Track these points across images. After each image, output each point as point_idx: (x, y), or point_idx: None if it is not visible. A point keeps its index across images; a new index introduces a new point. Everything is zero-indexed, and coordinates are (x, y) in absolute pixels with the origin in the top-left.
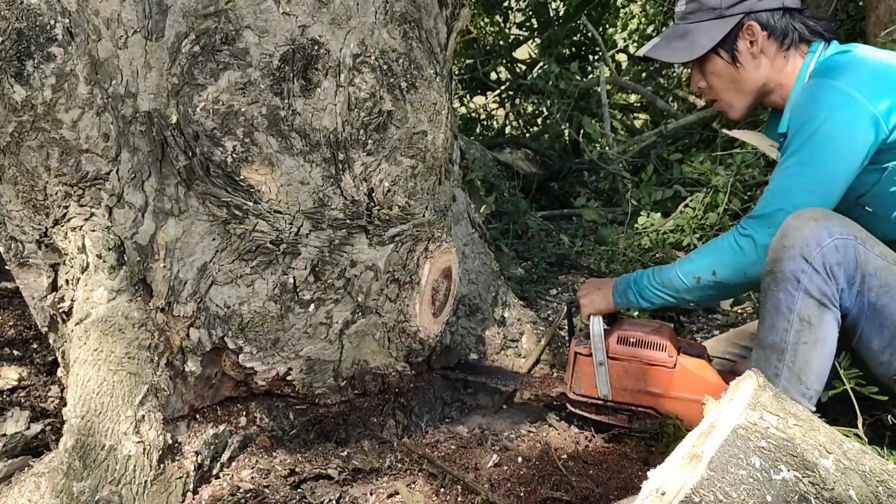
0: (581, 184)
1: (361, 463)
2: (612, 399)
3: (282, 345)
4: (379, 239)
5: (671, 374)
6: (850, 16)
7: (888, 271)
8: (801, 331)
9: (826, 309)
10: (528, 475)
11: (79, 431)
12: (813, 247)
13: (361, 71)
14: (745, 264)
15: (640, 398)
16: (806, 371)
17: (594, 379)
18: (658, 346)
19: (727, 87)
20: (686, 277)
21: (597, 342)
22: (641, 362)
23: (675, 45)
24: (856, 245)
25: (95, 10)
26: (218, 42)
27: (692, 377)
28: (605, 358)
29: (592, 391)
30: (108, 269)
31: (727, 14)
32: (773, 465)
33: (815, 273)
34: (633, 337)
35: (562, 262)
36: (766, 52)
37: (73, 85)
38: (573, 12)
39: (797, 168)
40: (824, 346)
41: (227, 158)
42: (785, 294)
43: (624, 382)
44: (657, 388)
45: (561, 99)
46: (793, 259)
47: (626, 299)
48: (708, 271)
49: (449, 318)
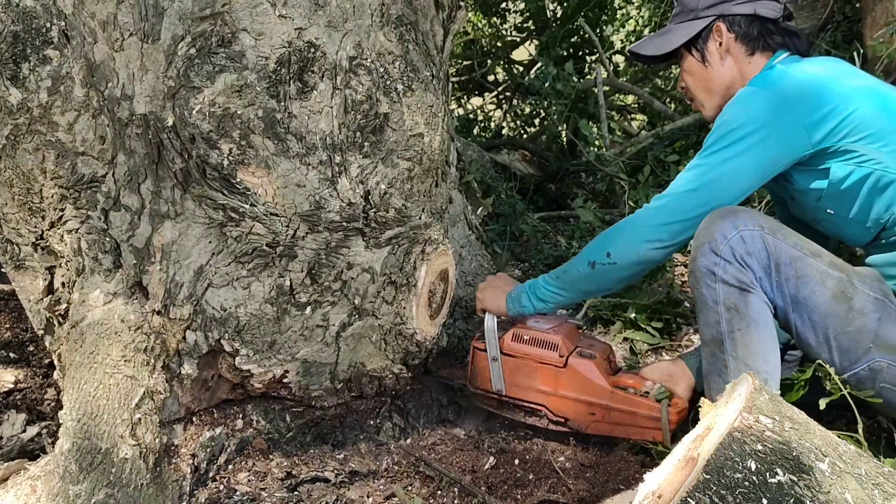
0: (578, 185)
1: (358, 465)
2: (506, 394)
3: (278, 347)
4: (375, 241)
5: (560, 373)
6: (847, 17)
7: (804, 262)
8: (731, 319)
9: (748, 293)
10: (525, 477)
11: (75, 434)
12: (720, 240)
13: (358, 73)
14: (637, 237)
15: (531, 395)
16: (750, 356)
17: (489, 373)
18: (550, 344)
19: (699, 86)
20: (581, 266)
21: (490, 338)
22: (533, 360)
23: (654, 41)
24: (763, 235)
25: (91, 13)
26: (214, 45)
27: (579, 378)
28: (499, 354)
29: (488, 385)
30: (104, 271)
31: (702, 15)
32: (769, 469)
33: (728, 263)
34: (528, 334)
35: (559, 263)
36: (732, 54)
37: (70, 87)
38: (570, 14)
39: (708, 162)
40: (758, 327)
41: (224, 161)
42: (707, 289)
43: (516, 379)
44: (546, 387)
45: (558, 100)
46: (704, 255)
47: (519, 304)
48: (602, 253)
49: (446, 321)
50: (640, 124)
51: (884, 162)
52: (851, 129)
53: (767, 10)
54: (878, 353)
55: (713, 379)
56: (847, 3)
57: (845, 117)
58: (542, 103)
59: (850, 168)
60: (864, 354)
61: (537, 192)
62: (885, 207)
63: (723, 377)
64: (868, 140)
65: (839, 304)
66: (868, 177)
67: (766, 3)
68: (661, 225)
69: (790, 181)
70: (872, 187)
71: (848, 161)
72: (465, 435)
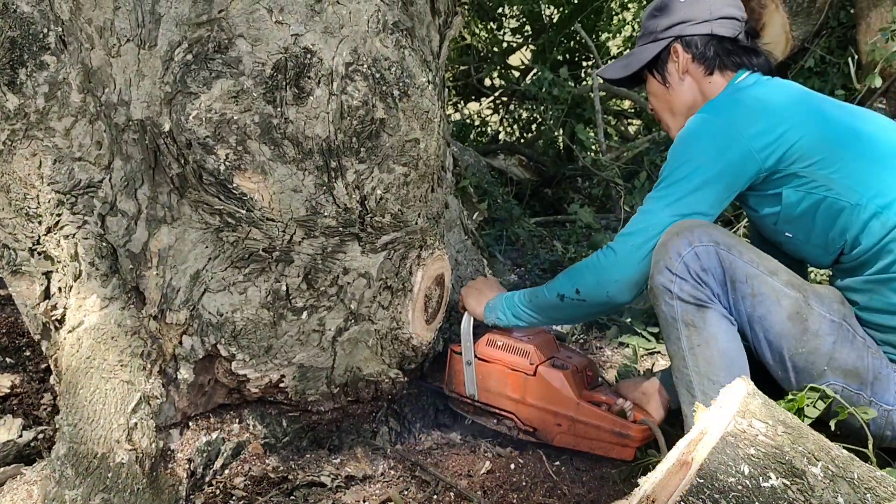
0: (575, 190)
1: (354, 470)
2: (479, 399)
3: (275, 352)
4: (371, 246)
5: (529, 381)
6: (841, 23)
7: (760, 280)
8: (689, 336)
9: (705, 308)
10: (521, 482)
11: (71, 439)
12: (674, 257)
13: (354, 79)
14: (605, 281)
15: (502, 402)
16: (712, 370)
17: (463, 377)
18: (522, 352)
19: (663, 108)
20: (551, 295)
21: (464, 341)
22: (504, 366)
23: (619, 64)
24: (717, 250)
25: (88, 19)
26: (211, 51)
27: (548, 388)
28: (473, 358)
29: (462, 389)
30: (101, 276)
31: (660, 37)
32: (763, 473)
33: (683, 281)
34: (501, 340)
35: (555, 268)
36: (692, 75)
37: (66, 93)
38: (567, 19)
39: (662, 194)
40: (717, 342)
41: (220, 166)
42: (665, 306)
43: (488, 384)
44: (515, 394)
45: (555, 105)
46: (661, 272)
47: (495, 315)
48: (571, 289)
49: (442, 325)
50: (636, 129)
51: (834, 188)
52: (801, 155)
53: (724, 30)
54: (832, 376)
55: (682, 392)
56: (842, 8)
57: (795, 142)
58: (539, 108)
59: (801, 194)
60: (820, 376)
61: (534, 196)
62: (840, 233)
63: (689, 391)
64: (818, 165)
65: (794, 324)
66: (820, 203)
67: (723, 21)
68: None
69: (747, 206)
70: (825, 213)
71: (799, 187)
72: (460, 439)
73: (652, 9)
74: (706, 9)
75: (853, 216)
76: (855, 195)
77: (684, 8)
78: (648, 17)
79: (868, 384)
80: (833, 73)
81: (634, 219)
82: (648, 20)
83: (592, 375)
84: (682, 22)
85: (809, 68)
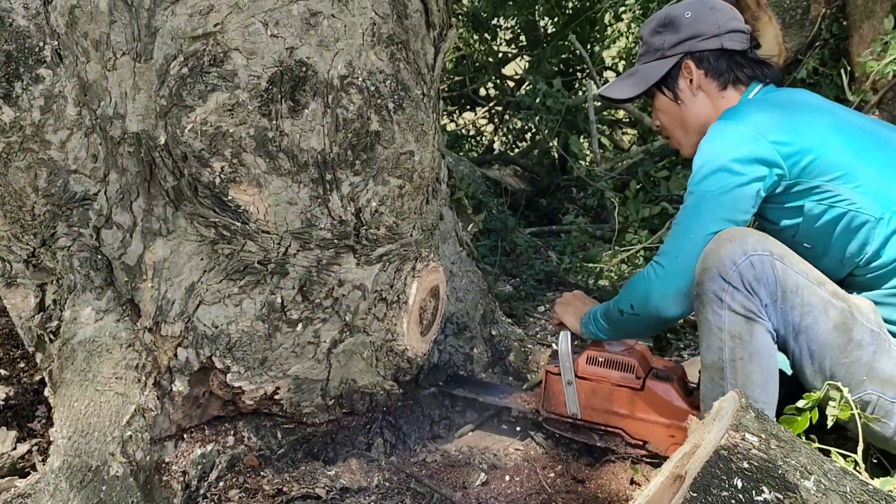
0: (569, 200)
1: (349, 482)
2: (581, 418)
3: (270, 364)
4: (367, 258)
5: (638, 396)
6: (834, 35)
7: (809, 290)
8: (734, 347)
9: (754, 322)
10: (516, 493)
11: (65, 452)
12: (728, 265)
13: (349, 92)
14: (652, 296)
15: (608, 418)
16: (749, 385)
17: (563, 397)
18: (626, 366)
19: (674, 125)
20: (615, 311)
21: (564, 361)
22: (609, 383)
23: (624, 83)
24: (772, 260)
25: (84, 33)
26: (206, 64)
27: (658, 400)
28: (574, 377)
29: (562, 409)
30: (96, 289)
31: (669, 54)
32: (755, 487)
33: (736, 290)
34: (602, 357)
35: (550, 278)
36: (705, 90)
37: (62, 106)
38: (561, 30)
39: (695, 204)
40: (760, 358)
41: (216, 179)
42: (712, 314)
43: (592, 402)
44: (624, 409)
45: (549, 115)
46: (712, 280)
47: (588, 330)
48: (627, 304)
49: (437, 337)
50: (630, 139)
51: (857, 202)
52: (825, 168)
53: (734, 43)
54: (871, 386)
55: (708, 404)
56: (835, 21)
57: (818, 155)
58: (533, 119)
59: (824, 207)
60: (858, 386)
61: (528, 207)
62: (860, 246)
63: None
64: (842, 179)
65: (840, 335)
66: (842, 217)
67: (732, 35)
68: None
69: (765, 219)
70: (846, 227)
71: (822, 200)
72: (455, 451)
73: (655, 25)
74: (714, 23)
75: (875, 230)
76: (878, 209)
77: (692, 24)
78: (652, 34)
79: None
80: (826, 84)
81: (674, 231)
82: (652, 37)
83: (687, 382)
84: (692, 38)
85: (803, 80)
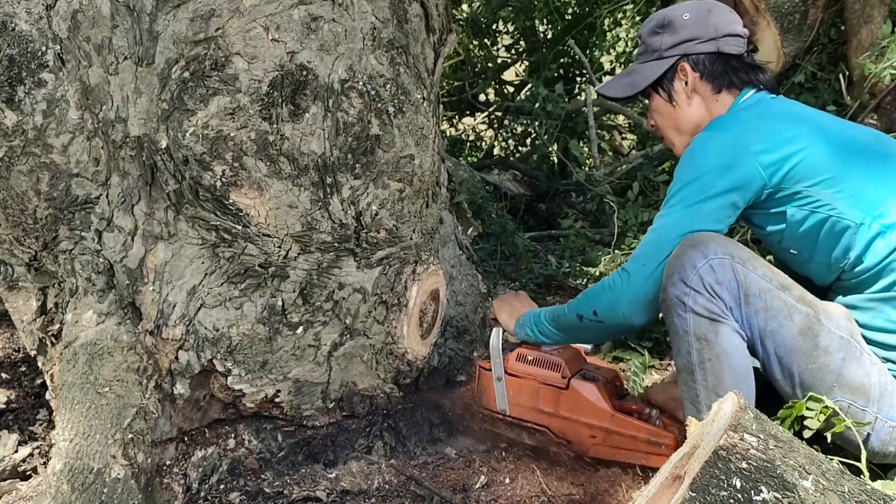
0: (569, 205)
1: (349, 485)
2: (510, 414)
3: (270, 367)
4: (367, 262)
5: (562, 395)
6: (832, 40)
7: (772, 294)
8: (700, 349)
9: (719, 323)
10: (517, 496)
11: (67, 455)
12: (689, 270)
13: (349, 96)
14: (619, 301)
15: (535, 416)
16: (720, 386)
17: (493, 393)
18: (553, 365)
19: (668, 126)
20: (571, 316)
21: (494, 357)
22: (535, 380)
23: (621, 82)
24: (733, 264)
25: (87, 37)
26: (208, 68)
27: (581, 400)
28: (503, 374)
29: (493, 405)
30: (98, 292)
31: (665, 56)
32: (754, 487)
33: (698, 294)
34: (532, 355)
35: (549, 282)
36: (699, 93)
37: (64, 110)
38: (560, 35)
39: (668, 212)
40: (729, 358)
41: (217, 183)
42: (678, 318)
43: (520, 399)
44: (549, 408)
45: (548, 120)
46: (675, 285)
47: (524, 331)
48: (589, 310)
49: (437, 340)
50: (630, 143)
51: (838, 207)
52: (806, 174)
53: (731, 47)
54: (841, 393)
55: (687, 406)
56: (832, 25)
57: (800, 161)
58: (533, 123)
59: (806, 213)
60: (828, 393)
61: (528, 211)
62: (843, 251)
63: (695, 405)
64: (823, 185)
65: (805, 340)
66: (824, 222)
67: (729, 39)
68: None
69: (753, 224)
70: (829, 232)
71: (803, 205)
72: (456, 454)
73: (654, 25)
74: (712, 27)
75: (857, 235)
76: (859, 215)
77: (690, 26)
78: (650, 34)
79: (874, 401)
80: (824, 88)
81: (645, 239)
82: (650, 37)
83: (620, 385)
84: (689, 40)
85: (801, 84)
